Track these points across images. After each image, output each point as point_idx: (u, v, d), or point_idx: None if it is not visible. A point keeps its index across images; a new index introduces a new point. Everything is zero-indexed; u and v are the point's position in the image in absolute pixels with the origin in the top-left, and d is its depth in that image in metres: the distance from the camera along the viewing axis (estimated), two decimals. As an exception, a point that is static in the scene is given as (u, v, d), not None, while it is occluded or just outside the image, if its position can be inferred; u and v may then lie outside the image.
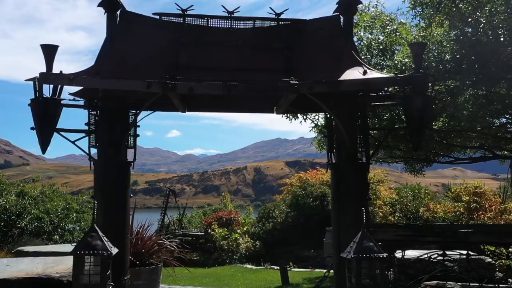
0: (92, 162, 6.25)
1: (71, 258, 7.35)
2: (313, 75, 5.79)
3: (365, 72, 5.86)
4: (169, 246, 7.27)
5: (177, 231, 15.72)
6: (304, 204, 14.31)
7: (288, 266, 11.65)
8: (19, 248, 13.86)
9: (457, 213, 12.87)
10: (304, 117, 9.17)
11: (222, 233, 14.10)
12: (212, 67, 6.11)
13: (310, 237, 13.95)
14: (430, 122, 7.29)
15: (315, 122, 9.62)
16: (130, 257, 6.54)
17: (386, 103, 6.48)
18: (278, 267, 11.66)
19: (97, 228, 4.04)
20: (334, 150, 6.37)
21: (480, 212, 12.89)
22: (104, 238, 4.01)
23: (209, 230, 14.48)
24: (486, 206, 12.91)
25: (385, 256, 4.22)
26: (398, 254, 7.06)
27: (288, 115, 9.13)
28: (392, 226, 7.55)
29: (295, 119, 9.30)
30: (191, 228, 17.98)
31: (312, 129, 9.83)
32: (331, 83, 5.67)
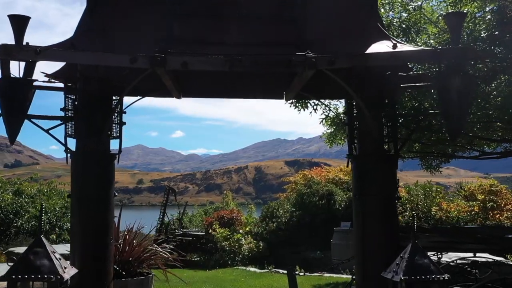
0: (69, 155, 5.04)
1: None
2: (331, 50, 4.56)
3: (395, 46, 4.64)
4: (162, 253, 6.00)
5: (177, 231, 14.50)
6: (309, 202, 13.06)
7: (295, 269, 10.42)
8: (11, 249, 12.70)
9: (472, 212, 11.63)
10: (315, 107, 7.93)
11: (224, 233, 12.86)
12: (212, 41, 4.89)
13: (316, 237, 12.72)
14: (470, 106, 6.06)
15: (326, 114, 8.39)
16: (115, 266, 5.32)
17: (418, 84, 5.24)
18: (284, 271, 10.42)
19: (44, 241, 2.80)
20: (356, 141, 5.15)
21: (496, 212, 11.67)
22: (55, 254, 2.77)
23: (210, 230, 13.23)
24: (502, 205, 11.69)
25: (446, 278, 2.96)
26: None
27: (297, 104, 7.90)
28: (418, 230, 6.30)
29: (304, 110, 8.05)
30: (192, 228, 16.73)
31: (322, 121, 8.60)
32: (357, 56, 4.44)
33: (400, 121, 5.53)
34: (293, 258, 12.13)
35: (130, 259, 5.55)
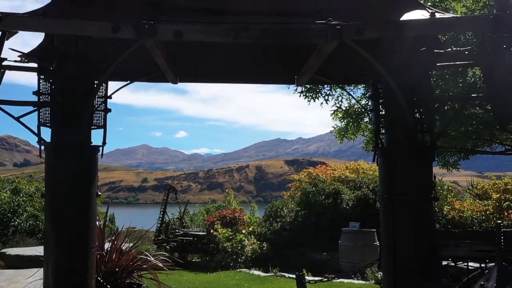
0: (42, 147, 4.10)
1: (29, 272, 5.05)
2: (357, 20, 3.60)
3: (433, 15, 3.69)
4: (155, 262, 5.02)
5: (177, 230, 13.52)
6: (315, 202, 12.07)
7: (302, 273, 9.44)
8: (3, 251, 11.76)
9: (487, 212, 10.64)
10: (326, 97, 6.95)
11: (226, 234, 11.87)
12: (212, 9, 3.95)
13: (322, 237, 11.74)
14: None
15: (338, 105, 7.40)
16: (98, 278, 4.36)
17: (458, 63, 4.28)
18: (290, 275, 9.46)
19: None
20: (383, 131, 4.19)
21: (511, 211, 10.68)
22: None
23: (212, 230, 12.24)
24: (519, 204, 10.68)
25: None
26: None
27: (308, 94, 6.92)
28: (448, 234, 5.35)
29: (314, 100, 7.08)
30: (193, 227, 15.76)
31: (334, 113, 7.63)
32: (390, 25, 3.50)
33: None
34: (298, 260, 11.17)
35: (117, 269, 4.59)
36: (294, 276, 9.40)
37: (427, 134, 4.01)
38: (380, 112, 4.18)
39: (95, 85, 4.05)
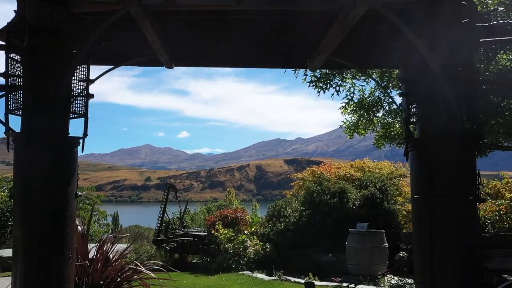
0: (11, 138, 3.35)
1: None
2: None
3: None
4: (147, 273, 4.24)
5: (177, 230, 12.75)
6: (320, 201, 11.29)
7: (309, 277, 8.69)
8: (-1, 253, 11.04)
9: (500, 212, 9.86)
10: (337, 88, 6.17)
11: (228, 235, 11.09)
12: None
13: (327, 238, 10.97)
14: None
15: (350, 97, 6.62)
16: (80, 292, 3.60)
17: (505, 38, 3.51)
18: (295, 279, 8.70)
19: None
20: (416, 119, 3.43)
21: (525, 211, 9.90)
22: None
23: (213, 231, 11.47)
24: (533, 204, 9.90)
25: None
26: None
27: (318, 83, 6.14)
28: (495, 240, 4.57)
29: (324, 92, 6.30)
30: (194, 226, 14.97)
31: (345, 106, 6.86)
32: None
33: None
34: (303, 261, 10.39)
35: (102, 282, 3.83)
36: (299, 280, 8.64)
37: (468, 123, 3.26)
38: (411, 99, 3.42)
39: (72, 65, 3.28)
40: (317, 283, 7.77)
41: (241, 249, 10.78)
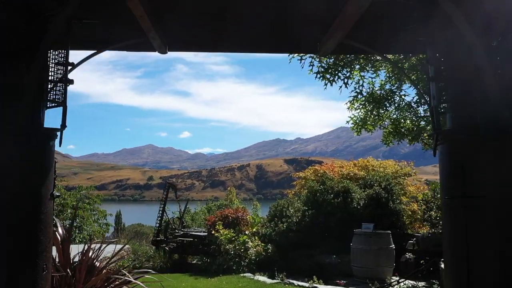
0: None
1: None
2: None
3: None
4: (138, 283, 3.70)
5: (177, 231, 12.22)
6: (323, 201, 10.75)
7: (313, 281, 8.15)
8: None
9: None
10: (345, 80, 5.65)
11: (228, 235, 10.56)
12: None
13: (330, 239, 10.44)
14: None
15: (359, 90, 6.09)
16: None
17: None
18: (299, 282, 8.17)
19: None
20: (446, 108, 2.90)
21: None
22: None
23: (213, 231, 10.94)
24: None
25: None
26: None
27: (325, 75, 5.61)
28: None
29: (331, 84, 5.77)
30: (194, 226, 14.45)
31: (353, 100, 6.34)
32: None
33: None
34: (306, 263, 9.86)
35: (84, 294, 3.30)
36: (303, 284, 8.10)
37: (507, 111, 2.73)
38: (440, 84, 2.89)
39: (45, 43, 2.75)
40: (321, 287, 7.25)
41: (242, 250, 10.25)
